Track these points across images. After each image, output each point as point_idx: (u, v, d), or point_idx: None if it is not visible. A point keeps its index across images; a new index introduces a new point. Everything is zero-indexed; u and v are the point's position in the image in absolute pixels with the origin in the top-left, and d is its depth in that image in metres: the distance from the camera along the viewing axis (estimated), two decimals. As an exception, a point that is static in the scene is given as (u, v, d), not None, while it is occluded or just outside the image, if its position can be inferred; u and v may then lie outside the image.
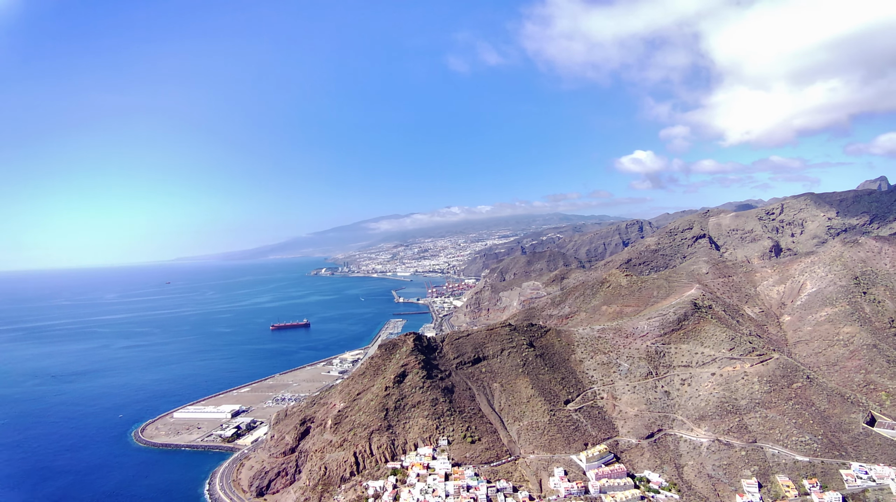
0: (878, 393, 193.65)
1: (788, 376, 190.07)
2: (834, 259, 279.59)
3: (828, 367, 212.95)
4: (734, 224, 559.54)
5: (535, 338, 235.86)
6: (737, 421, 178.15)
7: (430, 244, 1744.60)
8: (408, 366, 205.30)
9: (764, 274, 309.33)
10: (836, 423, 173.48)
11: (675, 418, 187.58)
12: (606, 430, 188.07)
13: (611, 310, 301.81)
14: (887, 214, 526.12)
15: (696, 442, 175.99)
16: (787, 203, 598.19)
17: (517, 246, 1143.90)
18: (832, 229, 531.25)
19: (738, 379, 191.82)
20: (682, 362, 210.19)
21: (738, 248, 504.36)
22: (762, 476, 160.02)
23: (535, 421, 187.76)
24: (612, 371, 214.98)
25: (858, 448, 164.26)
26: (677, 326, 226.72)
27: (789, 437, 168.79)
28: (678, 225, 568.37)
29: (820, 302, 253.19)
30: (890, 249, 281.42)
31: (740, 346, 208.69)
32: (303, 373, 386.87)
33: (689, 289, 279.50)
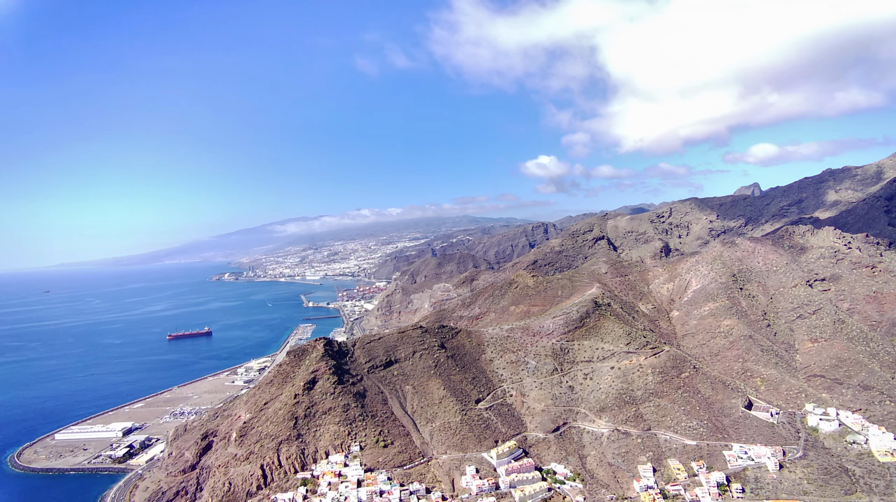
0: (754, 380, 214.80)
1: (678, 367, 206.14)
2: (715, 258, 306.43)
3: (711, 357, 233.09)
4: (629, 226, 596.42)
5: (447, 340, 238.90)
6: (633, 410, 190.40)
7: (340, 247, 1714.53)
8: (318, 373, 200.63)
9: (656, 273, 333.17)
10: (719, 408, 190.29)
11: (579, 411, 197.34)
12: (516, 426, 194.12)
13: (519, 309, 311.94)
14: (759, 217, 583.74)
15: (597, 432, 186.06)
16: (675, 207, 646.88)
17: (428, 248, 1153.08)
18: (713, 231, 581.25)
19: (635, 371, 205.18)
20: (584, 357, 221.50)
21: (633, 249, 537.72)
22: (656, 460, 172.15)
23: (448, 421, 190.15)
24: (521, 369, 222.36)
25: (739, 430, 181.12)
26: (580, 324, 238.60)
27: (679, 423, 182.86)
28: (580, 227, 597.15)
29: (703, 298, 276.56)
30: (762, 249, 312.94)
31: (636, 341, 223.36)
32: (204, 384, 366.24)
33: (590, 289, 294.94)
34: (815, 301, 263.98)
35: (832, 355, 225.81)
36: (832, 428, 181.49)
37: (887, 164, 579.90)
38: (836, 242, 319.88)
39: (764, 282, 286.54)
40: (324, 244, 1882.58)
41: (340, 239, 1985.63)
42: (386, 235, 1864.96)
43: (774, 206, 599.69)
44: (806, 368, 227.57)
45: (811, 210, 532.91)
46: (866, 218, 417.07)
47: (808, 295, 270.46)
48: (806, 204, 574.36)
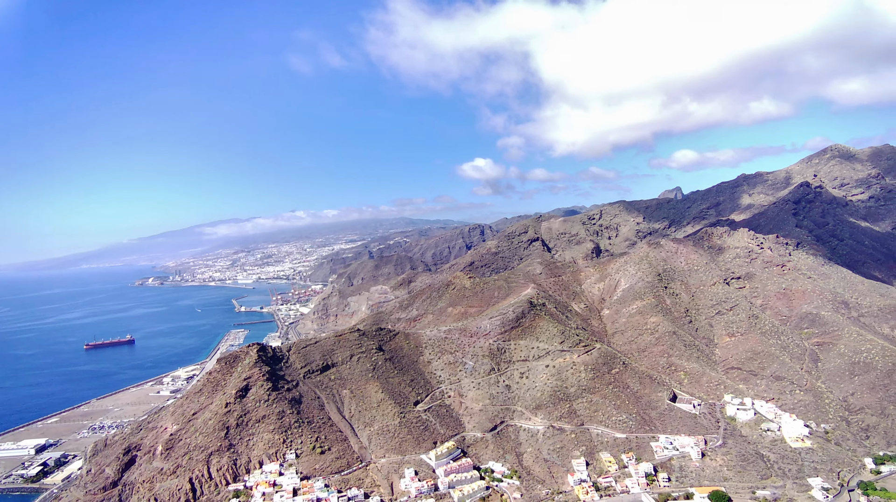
0: (678, 373, 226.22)
1: (608, 363, 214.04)
2: (642, 259, 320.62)
3: (639, 353, 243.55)
4: (562, 228, 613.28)
5: (385, 342, 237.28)
6: (567, 407, 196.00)
7: (274, 249, 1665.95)
8: (251, 379, 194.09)
9: (587, 273, 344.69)
10: (647, 402, 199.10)
11: (516, 409, 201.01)
12: (454, 427, 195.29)
13: (456, 311, 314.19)
14: (682, 219, 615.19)
15: (533, 429, 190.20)
16: (605, 209, 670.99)
17: (365, 250, 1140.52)
18: (640, 232, 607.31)
19: (568, 368, 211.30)
20: (520, 357, 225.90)
21: (566, 250, 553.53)
22: (589, 454, 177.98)
23: (386, 424, 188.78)
24: (459, 370, 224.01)
25: (665, 422, 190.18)
26: (516, 324, 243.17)
27: (610, 418, 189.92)
28: (515, 229, 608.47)
29: (632, 296, 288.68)
30: (684, 250, 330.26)
31: (569, 339, 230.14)
32: (126, 395, 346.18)
33: (525, 289, 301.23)
34: (731, 298, 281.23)
35: (747, 348, 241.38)
36: (748, 417, 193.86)
37: (795, 170, 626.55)
38: (750, 243, 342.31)
39: (686, 281, 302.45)
40: (257, 246, 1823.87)
41: (274, 241, 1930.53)
42: (322, 237, 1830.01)
43: (695, 209, 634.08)
44: (724, 361, 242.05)
45: (728, 213, 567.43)
46: (776, 220, 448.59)
47: (726, 292, 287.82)
48: (723, 207, 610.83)
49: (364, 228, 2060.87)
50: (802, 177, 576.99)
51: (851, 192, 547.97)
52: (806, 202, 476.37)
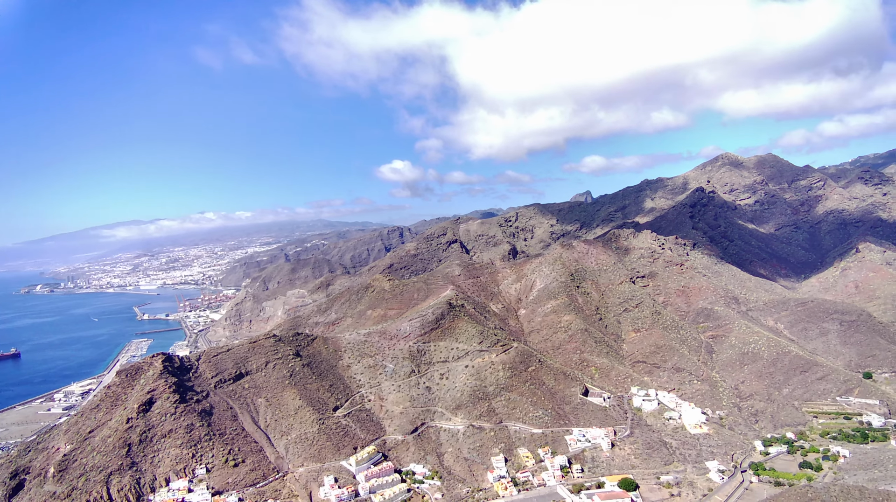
0: (589, 369, 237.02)
1: (525, 361, 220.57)
2: (555, 259, 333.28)
3: (553, 350, 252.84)
4: (480, 230, 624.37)
5: (302, 347, 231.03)
6: (487, 406, 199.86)
7: (181, 253, 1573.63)
8: (156, 392, 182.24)
9: (504, 274, 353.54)
10: (561, 397, 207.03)
11: (436, 410, 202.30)
12: (375, 431, 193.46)
13: (376, 313, 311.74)
14: (592, 221, 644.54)
15: (454, 429, 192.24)
16: (521, 212, 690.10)
17: (280, 253, 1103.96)
18: (554, 234, 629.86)
19: (487, 368, 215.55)
20: (440, 358, 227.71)
21: (484, 252, 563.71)
22: (507, 451, 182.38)
23: (304, 432, 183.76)
24: (379, 373, 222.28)
25: (578, 415, 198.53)
26: (435, 325, 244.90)
27: (527, 414, 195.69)
28: (434, 231, 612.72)
29: (546, 296, 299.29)
30: (594, 250, 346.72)
31: (488, 339, 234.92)
32: (11, 415, 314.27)
33: (444, 291, 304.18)
34: (637, 295, 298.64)
35: (651, 343, 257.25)
36: (653, 407, 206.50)
37: (691, 176, 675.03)
38: (653, 244, 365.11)
39: (596, 280, 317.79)
40: (162, 250, 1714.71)
41: (182, 244, 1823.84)
42: (234, 240, 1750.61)
43: (604, 212, 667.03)
44: (631, 355, 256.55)
45: (633, 215, 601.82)
46: (676, 222, 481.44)
47: (632, 290, 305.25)
48: (629, 210, 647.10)
49: (280, 230, 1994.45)
50: (697, 182, 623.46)
51: (740, 197, 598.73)
52: (701, 206, 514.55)
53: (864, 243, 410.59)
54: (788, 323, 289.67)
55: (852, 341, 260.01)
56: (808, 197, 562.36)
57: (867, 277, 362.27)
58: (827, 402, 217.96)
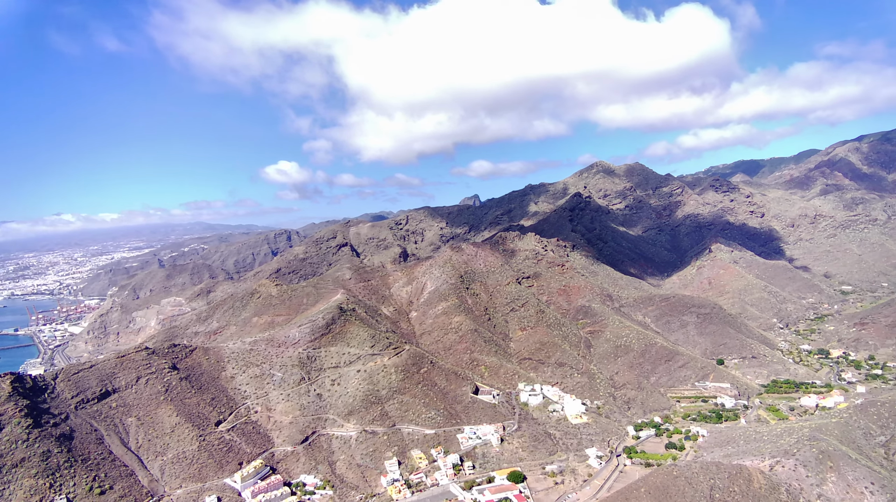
0: (479, 368, 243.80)
1: (417, 363, 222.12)
2: (445, 262, 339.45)
3: (445, 351, 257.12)
4: (371, 233, 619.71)
5: (180, 360, 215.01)
6: (379, 410, 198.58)
7: (32, 259, 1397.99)
8: (3, 417, 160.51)
9: (396, 277, 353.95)
10: (453, 397, 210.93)
11: (328, 418, 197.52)
12: (262, 444, 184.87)
13: (262, 320, 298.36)
14: (479, 224, 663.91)
15: (346, 436, 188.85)
16: (411, 215, 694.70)
17: (154, 258, 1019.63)
18: (444, 237, 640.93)
19: (379, 372, 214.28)
20: (332, 364, 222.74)
21: (375, 255, 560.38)
22: (401, 454, 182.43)
23: (183, 450, 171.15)
24: (266, 382, 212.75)
25: (469, 414, 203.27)
26: (326, 330, 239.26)
27: (420, 416, 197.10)
28: (323, 234, 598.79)
29: (437, 298, 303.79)
30: (482, 253, 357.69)
31: (380, 342, 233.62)
32: None
33: (335, 295, 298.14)
34: (523, 295, 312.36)
35: (536, 340, 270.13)
36: (538, 401, 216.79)
37: (570, 182, 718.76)
38: (537, 246, 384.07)
39: (485, 282, 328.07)
40: (9, 256, 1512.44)
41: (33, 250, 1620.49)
42: (98, 245, 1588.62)
43: (491, 215, 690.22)
44: (518, 353, 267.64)
45: (518, 218, 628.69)
46: (557, 225, 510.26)
47: (518, 290, 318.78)
48: (514, 213, 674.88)
49: (152, 234, 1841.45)
50: (576, 188, 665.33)
51: (612, 202, 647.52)
52: (579, 210, 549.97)
53: (716, 244, 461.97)
54: (654, 317, 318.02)
55: (707, 331, 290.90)
56: (670, 202, 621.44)
57: (718, 274, 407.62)
58: (687, 387, 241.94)
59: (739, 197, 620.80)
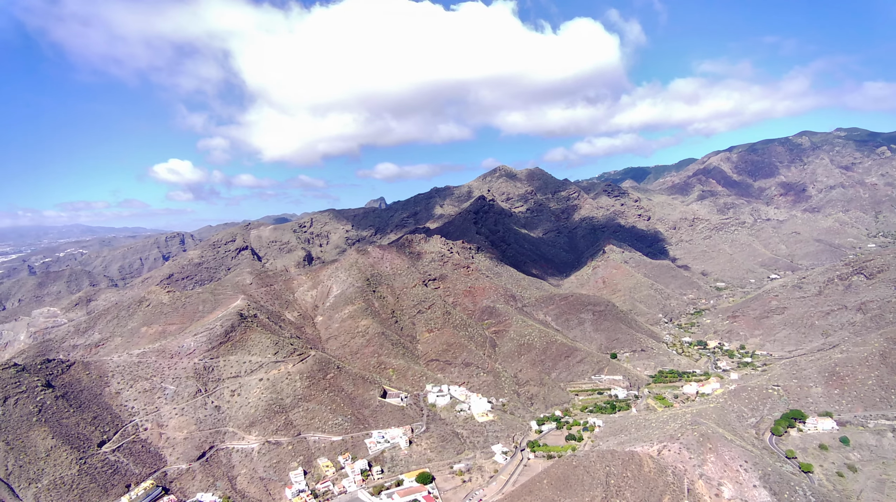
0: (387, 371, 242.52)
1: (323, 369, 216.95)
2: (351, 265, 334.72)
3: (352, 356, 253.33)
4: (273, 236, 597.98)
5: (55, 376, 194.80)
6: (284, 419, 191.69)
7: None
8: None
9: (300, 281, 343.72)
10: (360, 401, 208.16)
11: (228, 431, 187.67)
12: (153, 463, 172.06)
13: (152, 330, 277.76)
14: (386, 227, 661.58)
15: (247, 449, 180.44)
16: (316, 217, 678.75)
17: (23, 265, 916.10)
18: (350, 239, 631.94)
19: (283, 379, 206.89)
20: (231, 373, 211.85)
21: (278, 258, 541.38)
22: (307, 463, 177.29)
23: (60, 475, 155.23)
24: (158, 397, 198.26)
25: (377, 418, 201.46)
26: (225, 338, 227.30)
27: (326, 423, 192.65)
28: (221, 237, 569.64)
29: (343, 301, 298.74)
30: (389, 255, 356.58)
31: (283, 349, 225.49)
32: None
33: (234, 301, 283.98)
34: (429, 297, 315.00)
35: (443, 341, 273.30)
36: (445, 401, 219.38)
37: (474, 186, 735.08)
38: (443, 248, 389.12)
39: (392, 284, 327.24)
40: None
41: None
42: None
43: (397, 218, 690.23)
44: (425, 354, 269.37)
45: (424, 221, 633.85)
46: (462, 228, 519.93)
47: (425, 292, 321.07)
48: (420, 216, 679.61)
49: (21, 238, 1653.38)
50: (480, 191, 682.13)
51: (515, 205, 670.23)
52: (483, 213, 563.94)
53: (609, 245, 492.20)
54: (555, 315, 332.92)
55: (602, 328, 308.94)
56: (568, 206, 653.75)
57: (611, 274, 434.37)
58: (585, 381, 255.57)
59: (629, 201, 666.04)
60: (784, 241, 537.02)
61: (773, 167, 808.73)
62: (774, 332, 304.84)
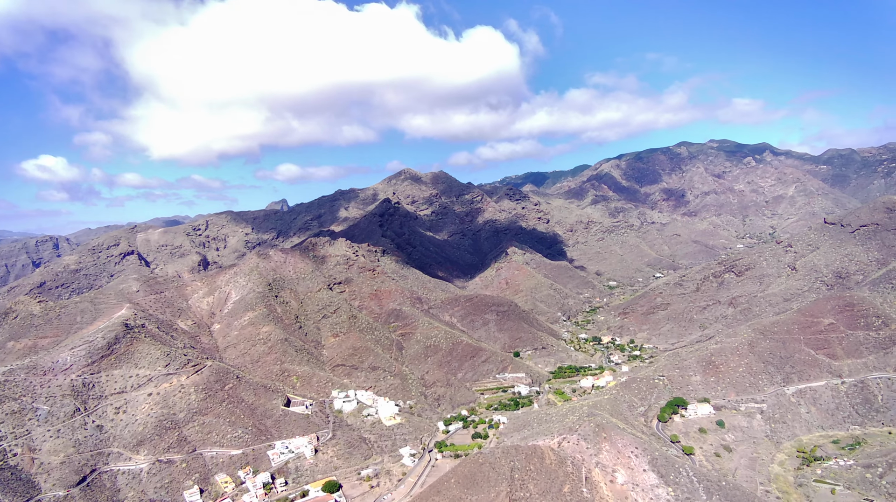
0: (290, 378, 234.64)
1: (221, 380, 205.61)
2: (252, 269, 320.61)
3: (253, 364, 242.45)
4: (163, 240, 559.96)
5: None
6: (176, 435, 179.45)
7: None
8: None
9: (195, 287, 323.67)
10: (262, 411, 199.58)
11: (112, 451, 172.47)
12: (24, 492, 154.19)
13: (21, 345, 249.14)
14: (288, 230, 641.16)
15: (135, 470, 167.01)
16: (212, 220, 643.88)
17: None
18: (249, 243, 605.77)
19: (176, 393, 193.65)
20: (115, 389, 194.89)
21: (169, 264, 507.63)
22: (203, 481, 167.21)
23: None
24: (28, 418, 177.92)
25: (280, 428, 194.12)
26: (108, 351, 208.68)
27: (225, 436, 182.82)
28: (103, 241, 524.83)
29: (243, 307, 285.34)
30: (292, 259, 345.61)
31: (176, 361, 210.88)
32: None
33: (119, 310, 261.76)
34: (335, 301, 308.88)
35: (349, 346, 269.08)
36: (352, 406, 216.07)
37: (380, 188, 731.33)
38: (348, 251, 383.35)
39: (295, 289, 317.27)
40: None
41: None
42: None
43: (300, 221, 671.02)
44: (331, 360, 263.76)
45: (329, 224, 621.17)
46: (367, 230, 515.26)
47: (330, 296, 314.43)
48: (325, 218, 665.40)
49: None
50: (385, 194, 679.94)
51: (420, 208, 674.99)
52: (388, 216, 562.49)
53: (511, 247, 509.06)
54: (460, 316, 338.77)
55: (505, 327, 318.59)
56: (472, 209, 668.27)
57: (513, 275, 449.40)
58: (490, 380, 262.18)
59: (529, 205, 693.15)
60: (667, 243, 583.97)
61: (657, 174, 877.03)
62: (660, 327, 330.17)
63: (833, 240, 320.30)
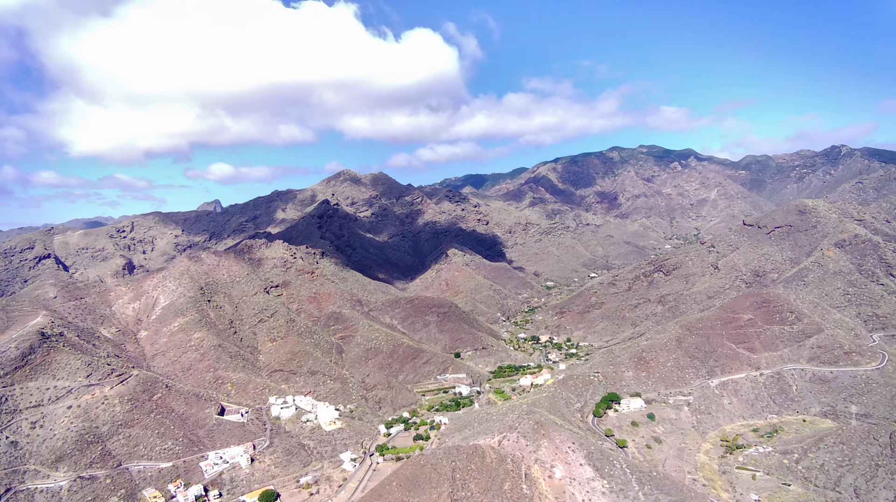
0: (225, 386, 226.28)
1: (149, 389, 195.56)
2: (182, 273, 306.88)
3: (184, 372, 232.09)
4: (84, 242, 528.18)
5: None
6: (100, 449, 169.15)
7: None
8: None
9: (119, 292, 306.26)
10: (194, 421, 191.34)
11: (28, 469, 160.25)
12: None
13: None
14: (222, 232, 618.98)
15: (54, 488, 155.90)
16: (138, 221, 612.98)
17: None
18: (179, 246, 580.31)
19: (99, 405, 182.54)
20: (31, 403, 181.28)
21: (90, 268, 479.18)
22: (130, 497, 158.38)
23: None
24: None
25: (214, 437, 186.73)
26: (21, 362, 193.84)
27: (153, 449, 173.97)
28: (16, 244, 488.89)
29: (173, 313, 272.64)
30: (226, 262, 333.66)
31: (98, 371, 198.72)
32: None
33: (34, 318, 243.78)
34: (272, 305, 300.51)
35: (287, 350, 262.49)
36: (290, 412, 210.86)
37: (318, 190, 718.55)
38: (285, 253, 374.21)
39: (229, 293, 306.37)
40: None
41: None
42: None
43: (235, 222, 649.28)
44: (268, 365, 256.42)
45: (265, 225, 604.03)
46: (305, 232, 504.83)
47: (266, 300, 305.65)
48: (260, 220, 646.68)
49: None
50: (324, 195, 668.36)
51: (360, 210, 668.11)
52: (328, 217, 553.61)
53: (451, 249, 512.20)
54: (401, 318, 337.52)
55: (446, 328, 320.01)
56: (412, 211, 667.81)
57: (454, 276, 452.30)
58: (431, 381, 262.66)
59: (469, 206, 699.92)
60: (601, 244, 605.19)
61: (591, 177, 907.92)
62: (594, 325, 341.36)
63: (751, 240, 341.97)
